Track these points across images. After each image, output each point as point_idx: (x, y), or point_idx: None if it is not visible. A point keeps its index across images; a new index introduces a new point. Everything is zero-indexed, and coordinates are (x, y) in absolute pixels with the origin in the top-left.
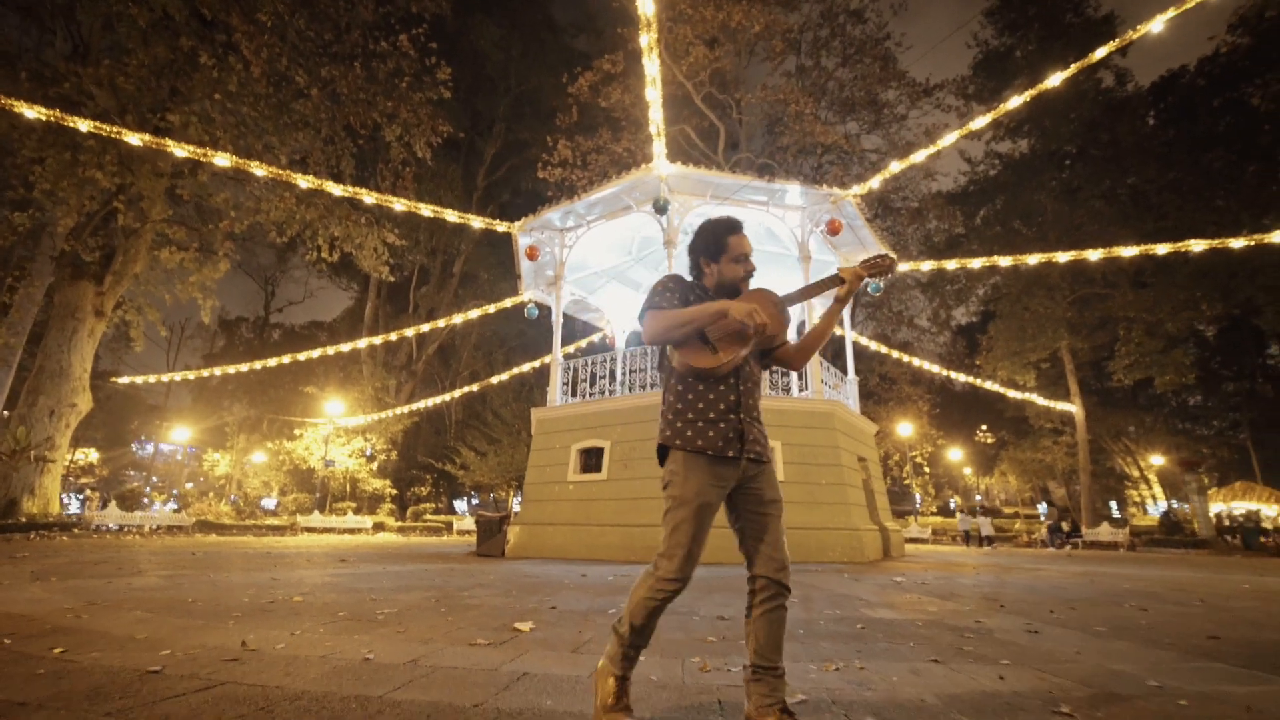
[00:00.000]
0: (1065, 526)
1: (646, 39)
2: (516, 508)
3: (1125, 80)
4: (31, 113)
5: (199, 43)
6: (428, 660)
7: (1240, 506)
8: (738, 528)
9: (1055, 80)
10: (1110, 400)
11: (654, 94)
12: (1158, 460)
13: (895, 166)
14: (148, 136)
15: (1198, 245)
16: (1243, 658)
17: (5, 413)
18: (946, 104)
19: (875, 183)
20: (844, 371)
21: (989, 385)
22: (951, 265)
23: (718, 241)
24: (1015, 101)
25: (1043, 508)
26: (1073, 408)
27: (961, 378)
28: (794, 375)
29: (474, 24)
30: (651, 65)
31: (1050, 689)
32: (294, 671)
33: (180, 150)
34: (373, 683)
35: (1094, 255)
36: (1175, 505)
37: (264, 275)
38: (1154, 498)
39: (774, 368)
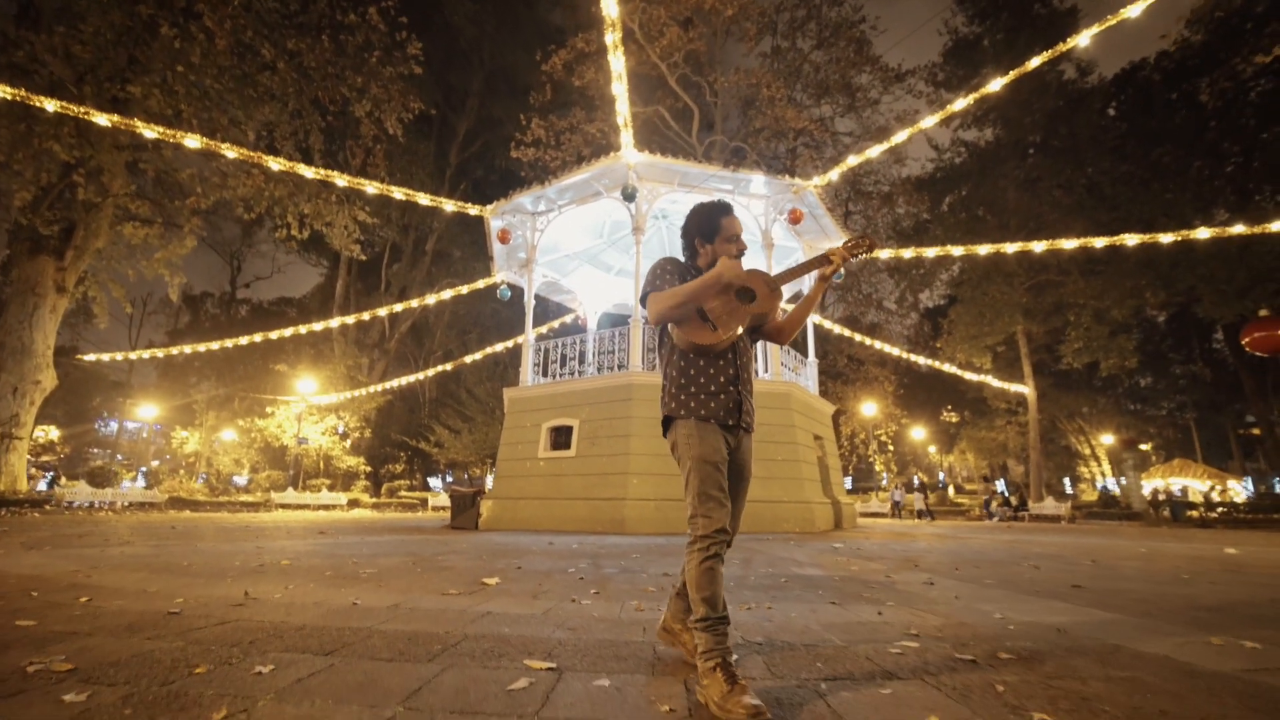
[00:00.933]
0: (1014, 501)
1: (611, 38)
2: (490, 484)
3: (1088, 73)
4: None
5: (158, 9)
6: (407, 605)
7: (1178, 482)
8: None
9: (1001, 83)
10: (1066, 382)
11: (620, 88)
12: (1108, 439)
13: (853, 160)
14: (116, 117)
15: (1131, 240)
16: (1088, 600)
17: None
18: (918, 90)
19: (834, 175)
20: (805, 355)
21: (947, 368)
22: (908, 254)
23: (712, 223)
24: (962, 103)
25: (1000, 484)
26: (1025, 389)
27: (922, 360)
28: (754, 357)
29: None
30: (616, 62)
31: (913, 621)
32: (293, 612)
33: (149, 131)
34: (362, 619)
35: (1038, 247)
36: (1117, 481)
37: (229, 250)
38: (1103, 474)
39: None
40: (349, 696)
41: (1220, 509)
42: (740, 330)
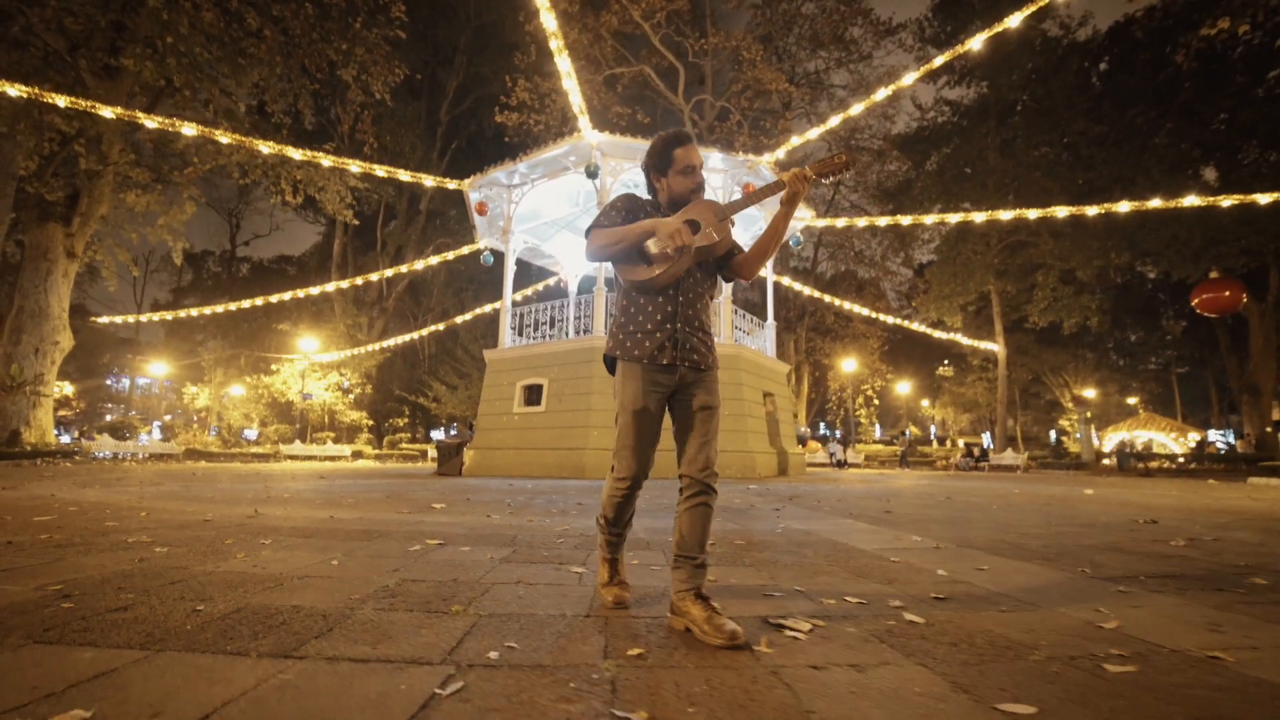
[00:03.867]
0: (975, 452)
1: (556, 44)
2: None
3: (1071, 30)
4: (14, 91)
5: None
6: (368, 517)
7: (1143, 435)
8: (675, 433)
9: (981, 39)
10: (1050, 338)
11: (570, 84)
12: (1090, 394)
13: (813, 133)
14: (120, 109)
15: (1091, 210)
16: (875, 518)
17: None
18: (907, 44)
19: (781, 153)
20: (765, 318)
21: (916, 326)
22: (882, 223)
23: (664, 155)
24: (942, 59)
25: (986, 437)
26: (996, 346)
27: (889, 320)
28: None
29: None
30: (563, 62)
31: (736, 533)
32: (289, 521)
33: (150, 122)
34: (334, 524)
35: (1006, 215)
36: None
37: (227, 208)
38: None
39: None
40: (314, 552)
41: (1164, 460)
42: (683, 266)
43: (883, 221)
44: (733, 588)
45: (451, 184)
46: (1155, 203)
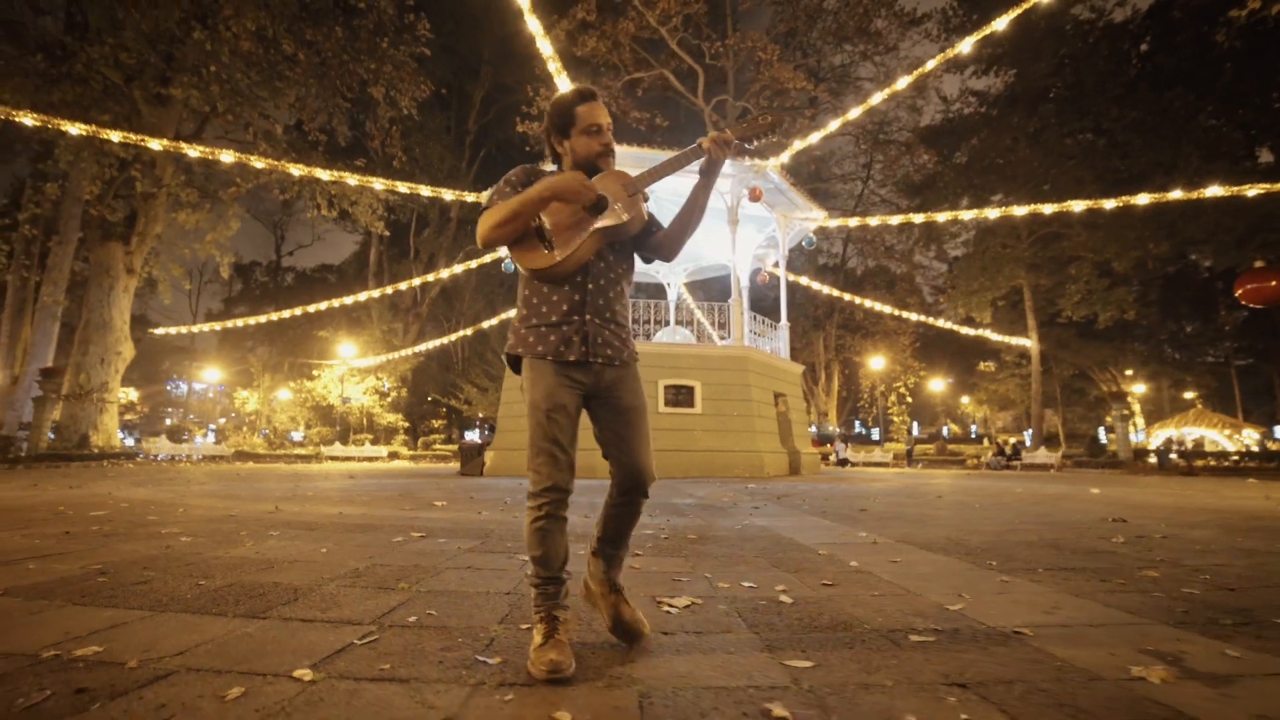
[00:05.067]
0: (1007, 450)
1: (553, 66)
2: None
3: (1107, 11)
4: (74, 130)
5: (189, 14)
6: (372, 513)
7: (1193, 432)
8: (599, 438)
9: (1006, 20)
10: (1094, 331)
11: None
12: (1139, 389)
13: (815, 137)
14: (166, 141)
15: (1109, 204)
16: (850, 518)
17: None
18: (933, 35)
19: (785, 157)
20: (778, 319)
21: (942, 323)
22: (895, 220)
23: (565, 114)
24: (967, 45)
25: (1028, 435)
26: (1028, 342)
27: (914, 317)
28: (717, 327)
29: None
30: (563, 82)
31: (695, 528)
32: (301, 517)
33: (193, 151)
34: (339, 519)
35: (1048, 209)
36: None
37: (272, 220)
38: (1134, 425)
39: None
40: (311, 542)
41: (1212, 459)
42: (590, 249)
43: (895, 220)
44: (651, 573)
45: (470, 196)
46: (1176, 194)
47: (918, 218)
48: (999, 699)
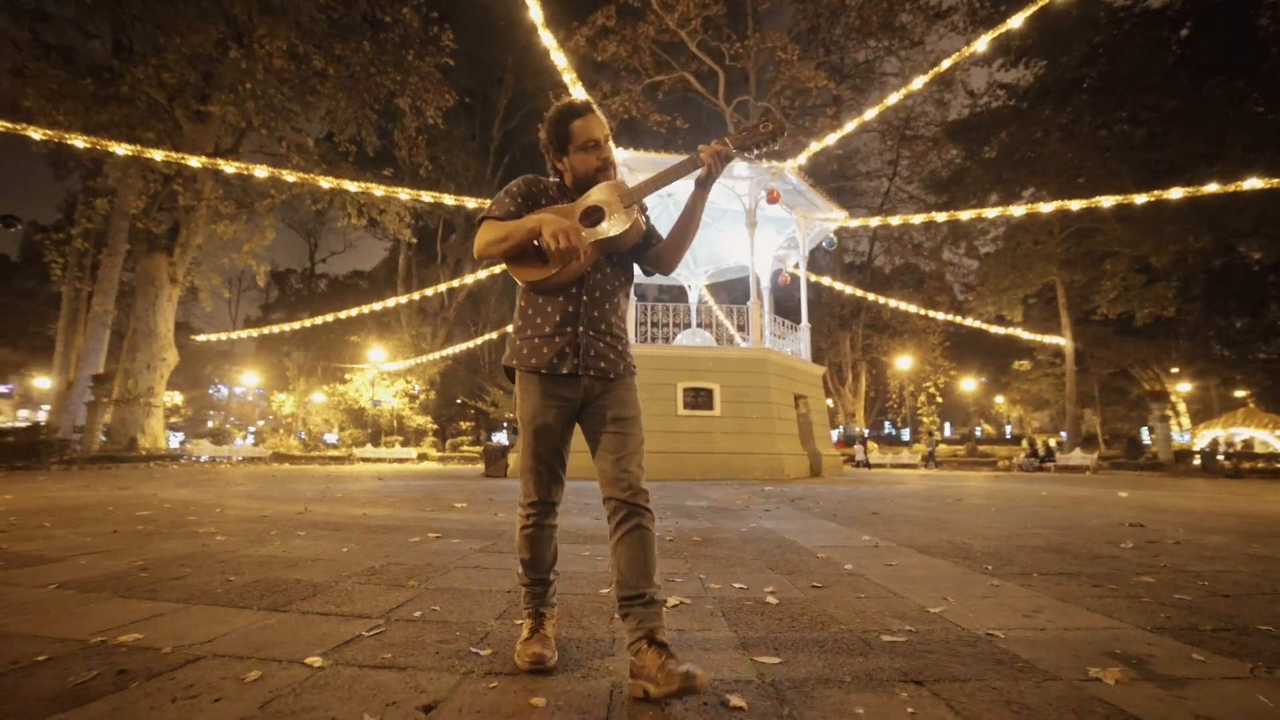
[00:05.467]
0: (1040, 452)
1: (569, 77)
2: None
3: (1138, 0)
4: (120, 150)
5: (227, 36)
6: (394, 514)
7: (1242, 432)
8: (591, 451)
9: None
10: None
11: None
12: (1185, 387)
13: (832, 139)
14: (204, 158)
15: (1140, 199)
16: (841, 519)
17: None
18: (960, 28)
19: (802, 159)
20: (799, 320)
21: (970, 322)
22: (918, 219)
23: (561, 131)
24: (996, 33)
25: (1065, 435)
26: (1062, 340)
27: (940, 316)
28: (738, 329)
29: None
30: (579, 93)
31: (701, 530)
32: (328, 518)
33: (229, 168)
34: (363, 520)
35: (1075, 205)
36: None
37: (306, 229)
38: (1179, 425)
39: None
40: (334, 541)
41: (1261, 460)
42: (585, 261)
43: (918, 219)
44: None
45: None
46: (1212, 186)
47: (940, 216)
48: (949, 695)
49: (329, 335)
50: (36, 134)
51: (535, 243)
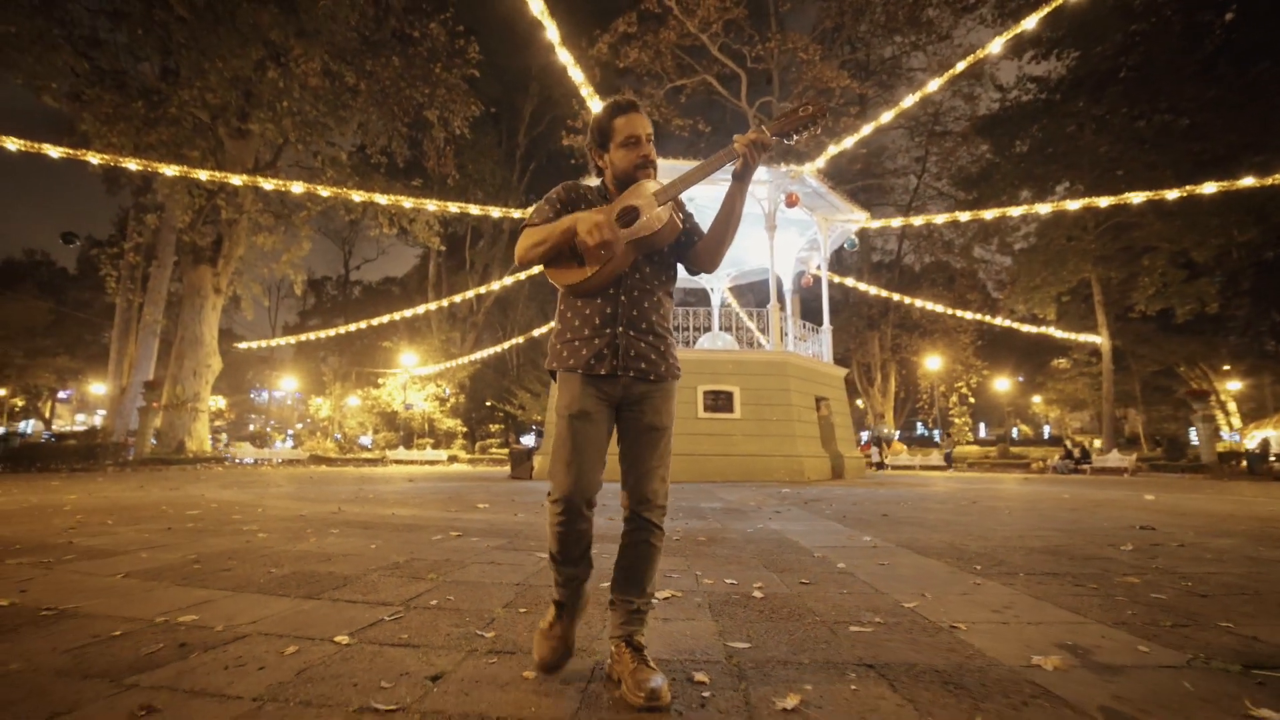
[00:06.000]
0: (1075, 454)
1: (586, 90)
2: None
3: None
4: (170, 171)
5: (265, 58)
6: (421, 514)
7: None
8: (620, 456)
9: None
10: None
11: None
12: (1235, 385)
13: (849, 142)
14: (245, 176)
15: (1171, 194)
16: (848, 521)
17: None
18: (988, 20)
19: (820, 162)
20: (820, 322)
21: (1000, 321)
22: (940, 219)
23: (603, 128)
24: (998, 44)
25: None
26: (1098, 339)
27: (967, 315)
28: (761, 332)
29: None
30: (596, 105)
31: (708, 530)
32: (359, 517)
33: (268, 185)
34: (391, 520)
35: (1103, 202)
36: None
37: (341, 237)
38: (1229, 425)
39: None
40: (363, 539)
41: None
42: (622, 261)
43: (940, 219)
44: None
45: (517, 212)
46: (1248, 181)
47: (964, 216)
48: (893, 677)
49: (363, 341)
50: (95, 159)
51: (573, 244)
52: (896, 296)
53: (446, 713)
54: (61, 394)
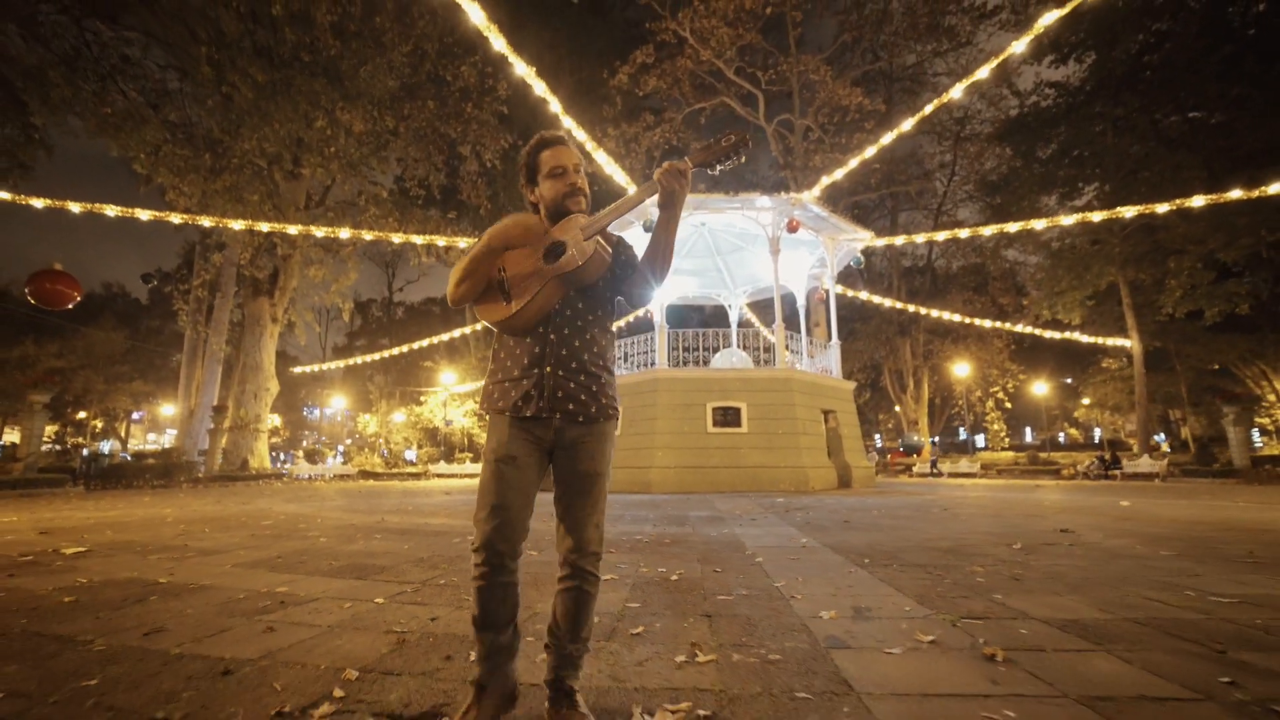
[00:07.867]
0: (1106, 459)
1: (582, 135)
2: None
3: None
4: (237, 225)
5: (314, 108)
6: (448, 523)
7: None
8: (554, 500)
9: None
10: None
11: (611, 169)
12: None
13: (854, 163)
14: (300, 225)
15: (1198, 201)
16: (835, 531)
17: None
18: (1008, 24)
19: (816, 191)
20: (829, 338)
21: (1021, 328)
22: (941, 236)
23: (530, 164)
24: (1020, 46)
25: (1159, 438)
26: (1126, 342)
27: (990, 324)
28: (764, 350)
29: (526, 36)
30: (600, 156)
31: (673, 535)
32: (399, 525)
33: (319, 232)
34: (423, 527)
35: (1129, 212)
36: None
37: (384, 260)
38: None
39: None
40: (399, 541)
41: None
42: (551, 298)
43: (940, 236)
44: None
45: None
46: (1277, 187)
47: (963, 233)
48: (715, 619)
49: (406, 361)
50: (177, 219)
51: (502, 279)
52: (912, 308)
53: (436, 634)
54: (135, 415)
